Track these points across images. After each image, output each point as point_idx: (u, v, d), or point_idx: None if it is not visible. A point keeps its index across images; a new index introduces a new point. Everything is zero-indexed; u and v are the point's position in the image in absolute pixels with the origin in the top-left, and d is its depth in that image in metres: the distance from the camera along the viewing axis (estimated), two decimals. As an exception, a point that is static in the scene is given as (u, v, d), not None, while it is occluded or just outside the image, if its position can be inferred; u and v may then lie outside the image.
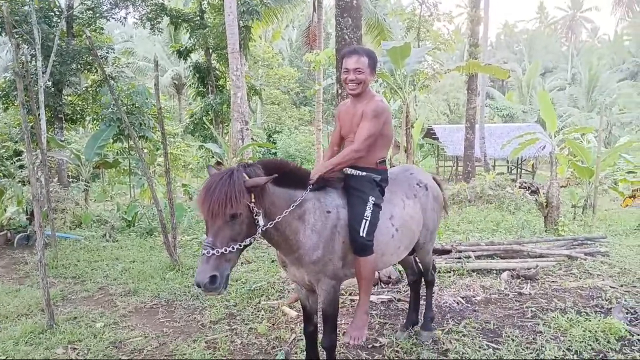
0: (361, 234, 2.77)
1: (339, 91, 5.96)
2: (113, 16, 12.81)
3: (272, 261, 5.97)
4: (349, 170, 3.00)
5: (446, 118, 33.51)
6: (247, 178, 2.41)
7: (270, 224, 2.55)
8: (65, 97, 12.61)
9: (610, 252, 5.99)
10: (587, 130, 14.06)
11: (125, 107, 11.45)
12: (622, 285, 4.83)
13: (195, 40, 14.42)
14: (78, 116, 12.97)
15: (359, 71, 2.91)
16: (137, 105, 12.09)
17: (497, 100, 36.22)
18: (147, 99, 12.50)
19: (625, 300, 4.39)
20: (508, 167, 24.22)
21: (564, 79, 45.03)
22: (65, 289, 5.21)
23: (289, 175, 2.65)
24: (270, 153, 22.45)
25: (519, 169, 22.52)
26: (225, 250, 2.31)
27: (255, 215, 2.44)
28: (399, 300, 4.62)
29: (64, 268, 6.00)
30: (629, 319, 4.00)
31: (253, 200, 2.42)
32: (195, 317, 4.33)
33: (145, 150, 13.19)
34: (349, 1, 5.90)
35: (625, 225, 8.56)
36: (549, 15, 59.77)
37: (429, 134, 22.65)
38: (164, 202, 7.56)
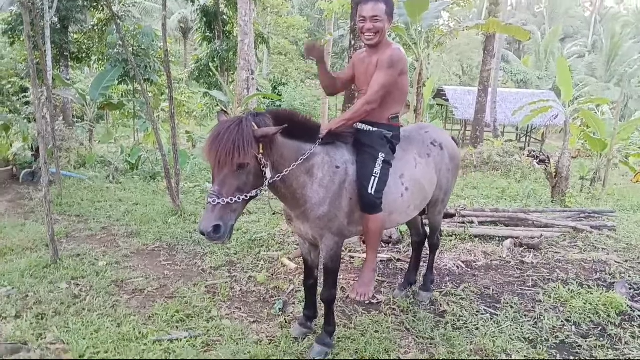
0: (369, 191, 2.69)
1: (352, 42, 5.71)
2: (123, -46, 12.29)
3: (274, 213, 5.94)
4: (360, 125, 2.89)
5: (458, 79, 32.75)
6: (256, 127, 2.30)
7: (277, 177, 2.47)
8: (71, 34, 12.30)
9: (617, 226, 5.91)
10: (603, 101, 13.67)
11: (131, 48, 11.16)
12: (626, 261, 4.79)
13: (205, -19, 13.89)
14: (84, 55, 12.71)
15: (376, 19, 2.73)
16: (143, 47, 11.79)
17: (512, 64, 35.25)
18: (153, 41, 12.17)
19: (629, 276, 4.36)
20: (517, 134, 23.88)
21: (584, 46, 43.68)
22: (69, 227, 5.24)
23: (298, 128, 2.54)
24: (275, 105, 22.12)
25: (528, 137, 22.20)
26: (231, 200, 2.24)
27: (263, 167, 2.36)
28: (398, 260, 4.61)
29: (68, 206, 6.03)
30: (631, 294, 3.98)
31: (261, 151, 2.32)
32: (196, 262, 4.36)
33: (150, 94, 12.98)
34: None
35: (634, 201, 8.46)
36: (574, -22, 57.19)
37: (439, 94, 22.16)
38: (168, 147, 7.48)
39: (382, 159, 2.76)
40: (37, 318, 3.14)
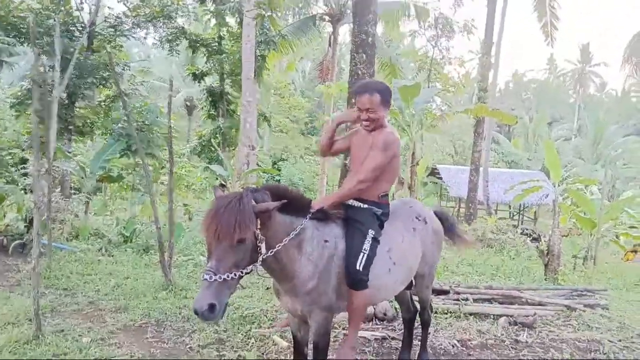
0: (357, 267, 2.74)
1: (348, 124, 6.02)
2: (133, 35, 13.13)
3: (267, 288, 5.89)
4: (351, 202, 3.00)
5: (451, 159, 33.63)
6: (254, 203, 2.39)
7: (270, 252, 2.50)
8: (78, 109, 12.78)
9: (609, 305, 5.88)
10: (591, 182, 14.07)
11: (136, 124, 11.58)
12: (620, 340, 4.73)
13: (212, 64, 14.71)
14: (88, 129, 13.10)
15: (371, 111, 2.93)
16: (147, 123, 12.23)
17: (503, 146, 36.39)
18: (157, 117, 12.66)
19: (622, 356, 4.29)
20: (510, 212, 24.12)
21: (570, 130, 45.39)
22: (55, 300, 5.13)
23: (291, 202, 2.63)
24: (274, 179, 22.49)
25: (520, 215, 22.41)
26: (228, 277, 2.26)
27: (259, 242, 2.40)
28: (392, 338, 4.52)
29: (56, 279, 5.93)
30: (627, 376, 3.90)
31: (259, 226, 2.38)
32: (184, 340, 4.24)
33: (151, 168, 13.25)
34: (365, 38, 6.05)
35: (625, 279, 8.46)
36: (558, 67, 60.66)
37: (434, 173, 22.71)
38: (164, 220, 7.54)
39: (372, 235, 2.85)
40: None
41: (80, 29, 11.93)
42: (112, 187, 14.10)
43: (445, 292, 5.58)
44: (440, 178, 22.04)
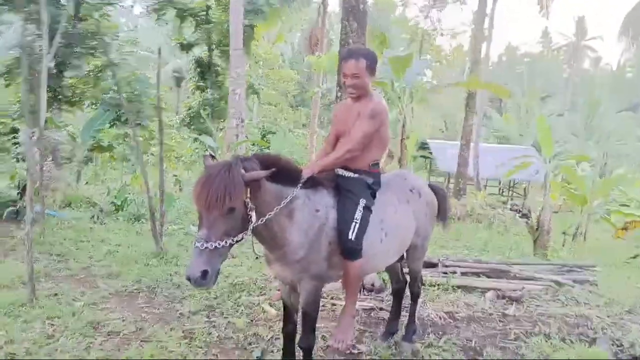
0: (350, 237, 2.74)
1: (339, 95, 5.93)
2: (120, 3, 12.76)
3: (256, 258, 5.90)
4: (341, 171, 2.97)
5: (441, 134, 33.66)
6: (244, 172, 2.36)
7: (261, 220, 2.50)
8: (67, 79, 12.52)
9: (598, 281, 5.93)
10: (583, 158, 14.18)
11: (125, 94, 11.38)
12: (609, 316, 4.78)
13: (199, 35, 14.45)
14: (77, 99, 12.86)
15: (357, 76, 2.88)
16: (136, 93, 12.04)
17: (494, 121, 36.39)
18: (147, 87, 12.45)
19: (611, 332, 4.35)
20: (499, 188, 24.30)
21: (563, 105, 45.46)
22: (49, 266, 5.18)
23: (281, 171, 2.60)
24: (263, 152, 22.39)
25: (510, 192, 22.60)
26: (219, 245, 2.26)
27: (249, 211, 2.40)
28: (380, 309, 4.57)
29: (50, 245, 5.96)
30: (614, 350, 3.96)
31: (249, 194, 2.38)
32: (174, 306, 4.29)
33: (141, 138, 13.10)
34: (356, 4, 5.87)
35: (615, 256, 8.56)
36: (552, 41, 60.33)
37: (423, 147, 22.70)
38: (155, 190, 7.52)
39: (363, 204, 2.83)
40: (8, 358, 3.05)
41: (67, -3, 11.57)
42: (103, 157, 13.99)
43: (434, 265, 5.62)
44: (431, 153, 22.06)
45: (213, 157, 2.59)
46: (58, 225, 7.05)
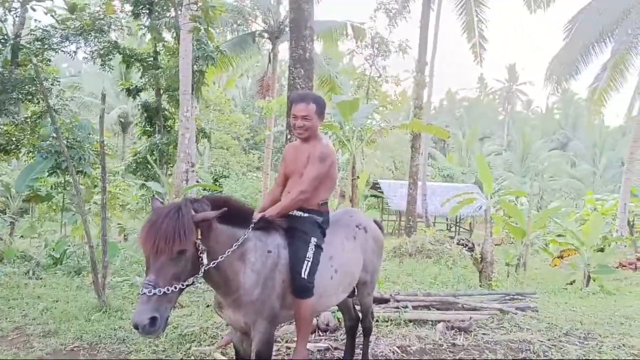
0: (303, 275, 2.76)
1: (289, 137, 6.08)
2: (62, 49, 12.54)
3: (207, 306, 5.74)
4: (292, 211, 3.03)
5: (391, 174, 34.66)
6: (194, 213, 2.34)
7: (213, 263, 2.45)
8: (1, 126, 12.00)
9: (539, 307, 6.22)
10: (520, 193, 15.03)
11: (66, 141, 11.02)
12: (549, 340, 5.00)
13: (147, 80, 14.31)
14: (13, 147, 12.31)
15: (307, 118, 3.01)
16: (78, 140, 11.67)
17: (439, 161, 38.07)
18: (89, 134, 12.11)
19: (551, 354, 4.54)
20: (447, 224, 25.12)
21: (500, 145, 48.31)
22: (-24, 328, 4.75)
23: (232, 212, 2.60)
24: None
25: (457, 227, 23.40)
26: (168, 290, 2.19)
27: (200, 253, 2.35)
28: (335, 348, 4.53)
29: (-22, 305, 5.50)
30: (554, 372, 4.13)
31: (199, 237, 2.34)
32: (119, 362, 4.05)
33: (82, 187, 12.63)
34: (302, 53, 6.16)
35: (554, 283, 9.01)
36: (488, 86, 64.63)
37: (375, 187, 23.27)
38: (97, 241, 7.22)
39: (315, 243, 2.89)
40: None
41: (4, 41, 11.28)
42: (41, 208, 13.30)
43: (386, 301, 5.69)
44: (381, 192, 22.62)
45: (161, 202, 2.56)
46: (-11, 282, 6.56)
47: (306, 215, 3.01)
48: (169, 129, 14.92)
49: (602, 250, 10.51)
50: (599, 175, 39.93)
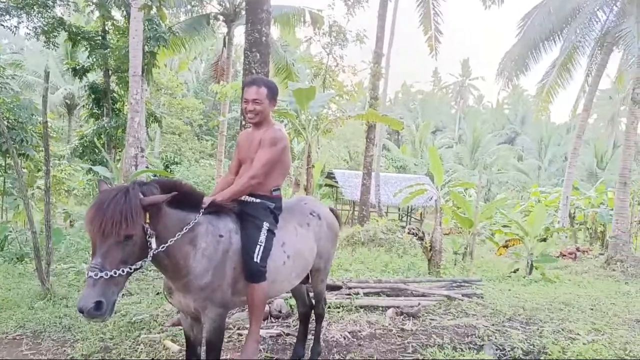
0: (255, 260, 2.77)
1: (243, 123, 6.01)
2: (2, 24, 11.78)
3: (157, 293, 5.64)
4: (243, 197, 3.01)
5: (346, 164, 35.01)
6: (142, 196, 2.30)
7: (162, 247, 2.43)
8: None
9: (484, 294, 6.52)
10: (469, 185, 15.58)
11: (6, 121, 10.38)
12: (493, 325, 5.25)
13: (95, 59, 13.67)
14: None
15: (257, 102, 3.00)
16: (20, 121, 11.03)
17: (392, 152, 38.81)
18: (32, 114, 11.45)
19: (495, 338, 4.77)
20: (399, 214, 25.70)
21: (451, 138, 49.76)
22: None
23: (183, 197, 2.57)
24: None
25: (408, 217, 24.00)
26: (115, 273, 2.16)
27: (149, 237, 2.33)
28: (287, 334, 4.59)
29: None
30: (498, 355, 4.35)
31: (148, 220, 2.31)
32: (65, 350, 3.93)
33: (25, 170, 11.98)
34: (258, 37, 6.08)
35: (498, 272, 9.45)
36: (441, 80, 66.21)
37: (329, 177, 23.47)
38: (41, 226, 6.89)
39: (267, 228, 2.90)
40: None
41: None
42: (-22, 192, 12.50)
43: (338, 288, 5.80)
44: (336, 182, 22.82)
45: (109, 185, 2.49)
46: None
47: (258, 200, 3.01)
48: (117, 112, 14.35)
49: (544, 240, 11.10)
50: (544, 169, 42.03)
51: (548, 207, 17.41)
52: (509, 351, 4.42)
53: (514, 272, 9.25)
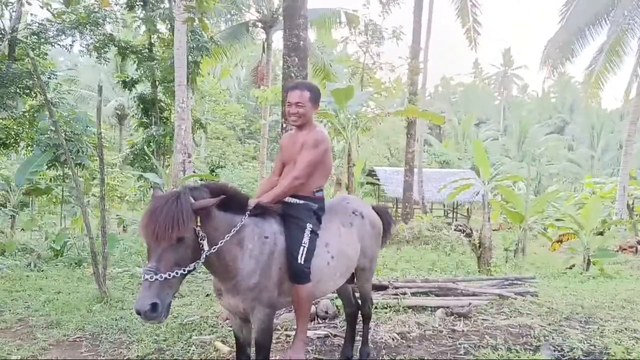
0: (299, 261, 2.80)
1: (284, 125, 6.09)
2: (58, 43, 12.50)
3: (207, 295, 5.79)
4: (287, 198, 3.05)
5: (387, 161, 34.68)
6: (193, 200, 2.38)
7: (213, 249, 2.51)
8: (0, 120, 11.98)
9: (538, 292, 6.25)
10: (517, 178, 15.05)
11: (64, 134, 11.00)
12: (549, 324, 5.03)
13: (143, 71, 14.27)
14: (12, 141, 12.32)
15: (300, 105, 3.03)
16: (76, 133, 11.67)
17: (435, 147, 38.03)
18: (87, 126, 12.10)
19: (552, 339, 4.58)
20: (444, 210, 25.18)
21: (496, 130, 48.21)
22: (-20, 319, 4.81)
23: (230, 200, 2.64)
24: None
25: (455, 213, 23.47)
26: (169, 276, 2.24)
27: (201, 240, 2.41)
28: (335, 335, 4.58)
29: (-19, 297, 5.56)
30: (556, 356, 4.17)
31: (199, 223, 2.39)
32: (121, 352, 4.08)
33: (81, 179, 12.63)
34: (297, 42, 6.14)
35: (552, 268, 9.05)
36: (483, 71, 64.35)
37: (371, 174, 23.31)
38: (97, 232, 7.24)
39: (310, 229, 2.91)
40: None
41: (1, 36, 11.22)
42: (41, 201, 13.34)
43: (385, 288, 5.73)
44: (378, 179, 22.64)
45: (162, 191, 2.59)
46: (-10, 275, 6.62)
47: (301, 202, 3.04)
48: (165, 120, 14.90)
49: (601, 234, 10.56)
50: (597, 159, 39.98)
51: (604, 199, 16.52)
52: (567, 352, 4.22)
53: (570, 268, 8.86)
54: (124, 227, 12.04)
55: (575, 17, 15.68)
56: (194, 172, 11.61)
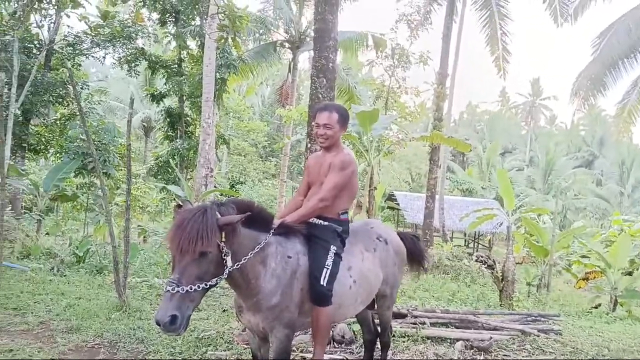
0: (322, 283, 2.77)
1: (309, 145, 6.11)
2: (92, 54, 12.94)
3: (224, 310, 5.77)
4: (312, 219, 3.04)
5: (407, 186, 34.43)
6: (219, 216, 2.39)
7: (236, 265, 2.51)
8: (32, 127, 12.38)
9: (562, 330, 6.04)
10: (543, 211, 14.72)
11: (92, 143, 11.31)
12: (573, 365, 4.87)
13: (171, 86, 14.62)
14: (42, 147, 12.71)
15: (328, 127, 3.05)
16: (104, 142, 11.97)
17: (458, 174, 37.59)
18: (115, 137, 12.41)
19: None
20: (465, 239, 24.75)
21: (522, 161, 47.51)
22: (4, 320, 4.89)
23: (255, 217, 2.65)
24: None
25: (476, 243, 23.04)
26: (191, 289, 2.25)
27: (224, 255, 2.41)
28: (351, 361, 4.50)
29: (6, 298, 5.66)
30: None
31: (224, 239, 2.39)
32: (137, 362, 4.09)
33: (106, 188, 12.90)
34: (325, 63, 6.21)
35: (577, 306, 8.75)
36: (510, 100, 63.83)
37: (391, 199, 23.14)
38: (119, 241, 7.34)
39: (334, 251, 2.89)
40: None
41: (39, 46, 11.68)
42: (65, 207, 13.64)
43: (403, 316, 5.62)
44: (397, 204, 22.47)
45: (181, 207, 2.60)
46: (15, 277, 6.73)
47: (326, 223, 3.03)
48: (190, 134, 15.18)
49: (630, 274, 10.16)
50: (627, 196, 38.89)
51: (633, 237, 16.02)
52: (592, 395, 4.05)
53: (595, 307, 8.54)
54: (144, 237, 12.18)
55: (609, 50, 15.46)
56: (215, 186, 11.74)
